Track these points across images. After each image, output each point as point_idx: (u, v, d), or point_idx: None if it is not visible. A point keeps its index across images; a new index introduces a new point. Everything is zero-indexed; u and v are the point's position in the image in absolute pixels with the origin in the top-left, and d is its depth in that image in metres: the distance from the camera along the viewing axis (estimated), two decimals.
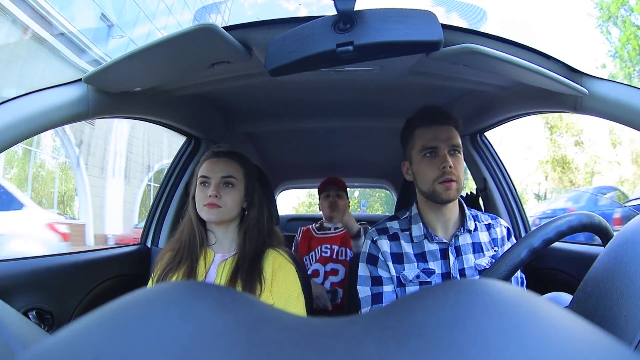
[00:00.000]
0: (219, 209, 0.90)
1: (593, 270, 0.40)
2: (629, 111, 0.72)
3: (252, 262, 0.91)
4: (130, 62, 0.70)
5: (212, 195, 0.89)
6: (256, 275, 0.89)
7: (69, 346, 0.17)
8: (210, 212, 0.90)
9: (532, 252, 0.57)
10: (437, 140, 0.85)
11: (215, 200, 0.90)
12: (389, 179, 2.68)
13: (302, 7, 10.91)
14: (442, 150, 0.85)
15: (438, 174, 0.84)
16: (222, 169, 0.93)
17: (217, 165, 0.93)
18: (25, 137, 0.71)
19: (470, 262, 0.88)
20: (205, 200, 0.90)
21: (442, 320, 0.18)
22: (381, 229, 0.93)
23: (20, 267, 0.92)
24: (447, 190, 0.83)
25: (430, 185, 0.85)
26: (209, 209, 0.90)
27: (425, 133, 0.87)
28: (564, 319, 0.18)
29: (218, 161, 0.94)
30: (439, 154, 0.85)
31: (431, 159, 0.85)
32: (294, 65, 0.60)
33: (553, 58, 0.78)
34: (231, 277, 0.89)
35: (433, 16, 0.58)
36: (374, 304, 0.87)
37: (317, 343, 0.18)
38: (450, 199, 0.85)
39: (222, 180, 0.92)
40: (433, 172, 0.84)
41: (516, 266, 0.58)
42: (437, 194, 0.84)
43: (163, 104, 1.06)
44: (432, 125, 0.86)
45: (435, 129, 0.86)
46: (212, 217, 0.91)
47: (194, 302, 0.20)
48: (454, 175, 0.83)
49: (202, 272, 0.92)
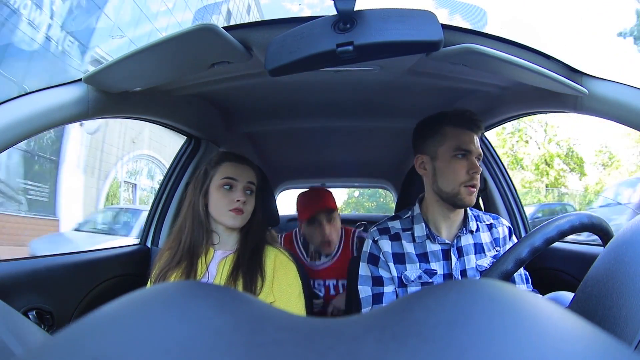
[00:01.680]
0: (242, 216, 0.90)
1: (593, 270, 0.40)
2: (629, 111, 0.72)
3: (252, 257, 0.92)
4: (130, 62, 0.70)
5: (240, 200, 0.88)
6: (257, 270, 0.90)
7: (69, 346, 0.17)
8: (236, 219, 0.89)
9: (533, 251, 0.57)
10: (472, 145, 0.86)
11: (242, 206, 0.89)
12: (389, 178, 2.67)
13: (305, 7, 10.90)
14: (473, 155, 0.86)
15: (466, 178, 0.84)
16: (248, 175, 0.92)
17: (244, 170, 0.93)
18: (25, 137, 0.71)
19: (472, 262, 0.88)
20: (232, 205, 0.88)
21: (442, 320, 0.18)
22: (382, 229, 0.92)
23: (20, 267, 0.92)
24: (470, 195, 0.84)
25: (457, 187, 0.85)
26: (235, 214, 0.88)
27: (460, 134, 0.87)
28: (564, 319, 0.18)
29: (242, 166, 0.94)
30: (470, 158, 0.85)
31: (462, 160, 0.86)
32: (293, 65, 0.60)
33: (553, 58, 0.78)
34: (231, 273, 0.89)
35: (433, 16, 0.58)
36: (374, 303, 0.87)
37: (317, 343, 0.18)
38: (469, 204, 0.86)
39: (247, 185, 0.91)
40: (462, 174, 0.85)
41: (517, 265, 0.58)
42: (460, 197, 0.85)
43: (163, 104, 1.06)
44: (466, 129, 0.87)
45: (470, 134, 0.87)
46: (237, 223, 0.90)
47: (193, 302, 0.20)
48: (478, 181, 0.85)
49: (202, 270, 0.92)
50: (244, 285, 0.88)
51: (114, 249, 1.32)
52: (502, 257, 0.60)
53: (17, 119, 0.69)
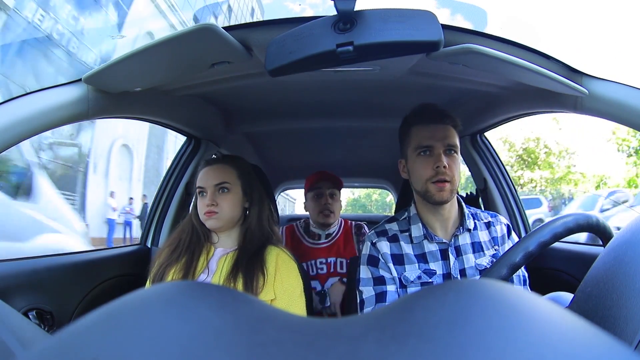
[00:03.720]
0: (217, 215, 0.94)
1: (593, 270, 0.40)
2: (629, 111, 0.72)
3: (253, 256, 0.93)
4: (130, 62, 0.70)
5: (208, 204, 0.94)
6: (257, 268, 0.92)
7: (69, 346, 0.17)
8: (210, 220, 0.94)
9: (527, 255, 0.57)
10: (433, 139, 0.84)
11: (212, 208, 0.94)
12: (389, 179, 2.68)
13: (307, 7, 10.89)
14: (438, 149, 0.83)
15: (432, 174, 0.83)
16: (215, 177, 0.96)
17: (210, 174, 0.97)
18: (25, 137, 0.71)
19: (471, 261, 0.88)
20: (204, 209, 0.94)
21: (442, 320, 0.18)
22: (380, 232, 0.92)
23: (20, 267, 0.92)
24: (440, 192, 0.82)
25: (424, 184, 0.84)
26: (207, 217, 0.94)
27: (421, 131, 0.86)
28: (563, 319, 0.18)
29: (210, 169, 0.98)
30: (434, 153, 0.84)
31: (425, 157, 0.84)
32: (293, 66, 0.60)
33: (553, 58, 0.78)
34: (231, 270, 0.91)
35: (433, 16, 0.58)
36: (378, 302, 0.86)
37: (317, 343, 0.18)
38: (443, 200, 0.83)
39: (216, 188, 0.96)
40: (427, 171, 0.83)
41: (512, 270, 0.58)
42: (429, 194, 0.83)
43: (163, 104, 1.06)
44: (429, 124, 0.85)
45: (431, 128, 0.85)
46: (213, 223, 0.95)
47: (194, 302, 0.20)
48: (447, 175, 0.82)
49: (202, 266, 0.94)
50: (243, 284, 0.89)
51: (114, 248, 1.32)
52: (498, 261, 0.59)
53: (17, 119, 0.69)
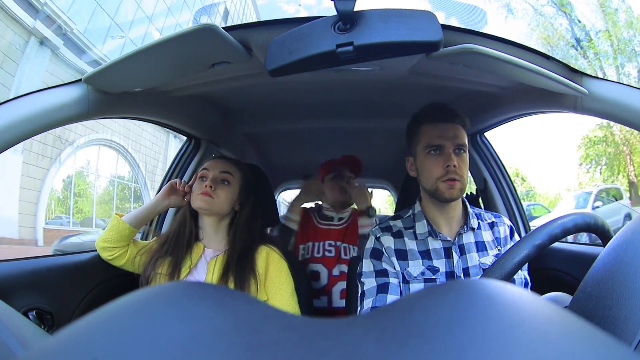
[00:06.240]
0: (212, 200, 0.94)
1: (593, 270, 0.40)
2: (629, 111, 0.72)
3: (243, 257, 0.94)
4: (130, 62, 0.70)
5: (207, 185, 0.95)
6: (248, 270, 0.92)
7: (69, 346, 0.17)
8: (203, 200, 0.94)
9: (537, 247, 0.57)
10: (443, 138, 0.85)
11: (210, 191, 0.94)
12: (389, 178, 2.68)
13: (301, 9, 10.90)
14: (448, 148, 0.84)
15: (442, 173, 0.83)
16: (221, 165, 0.99)
17: (218, 162, 1.00)
18: (25, 137, 0.71)
19: (475, 260, 0.88)
20: (201, 190, 0.95)
21: (442, 321, 0.18)
22: (384, 227, 0.93)
23: (20, 267, 0.92)
24: (450, 189, 0.83)
25: (434, 183, 0.85)
26: (202, 196, 0.94)
27: (431, 130, 0.86)
28: (563, 320, 0.18)
29: (219, 160, 1.01)
30: (444, 152, 0.84)
31: (436, 156, 0.85)
32: (293, 66, 0.60)
33: (553, 58, 0.78)
34: (223, 273, 0.91)
35: (433, 16, 0.58)
36: (379, 293, 0.85)
37: (317, 343, 0.18)
38: (452, 198, 0.84)
39: (219, 175, 0.97)
40: (437, 170, 0.84)
41: (521, 262, 0.57)
42: (439, 192, 0.84)
43: (163, 104, 1.06)
44: (439, 123, 0.86)
45: (441, 127, 0.85)
46: (204, 204, 0.94)
47: (193, 302, 0.20)
48: (457, 174, 0.83)
49: (188, 264, 0.95)
50: (235, 287, 0.88)
51: None
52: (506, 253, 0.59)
53: (17, 119, 0.69)
